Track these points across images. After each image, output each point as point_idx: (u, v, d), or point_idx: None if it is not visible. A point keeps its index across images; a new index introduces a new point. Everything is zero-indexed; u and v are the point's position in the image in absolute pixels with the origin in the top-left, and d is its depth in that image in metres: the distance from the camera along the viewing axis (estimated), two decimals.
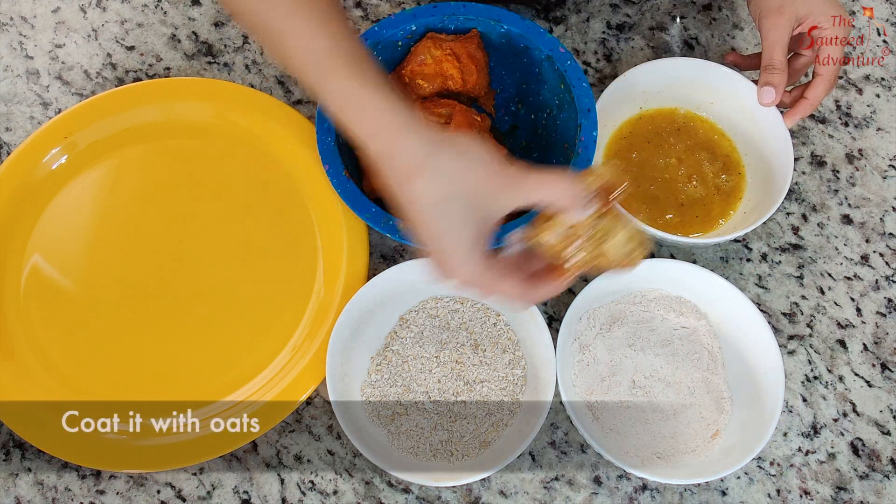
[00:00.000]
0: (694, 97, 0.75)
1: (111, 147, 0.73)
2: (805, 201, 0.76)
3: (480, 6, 0.69)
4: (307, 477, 0.66)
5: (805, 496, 0.66)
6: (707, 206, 0.72)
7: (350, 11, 0.82)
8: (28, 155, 0.71)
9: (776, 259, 0.74)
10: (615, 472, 0.66)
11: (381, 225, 0.63)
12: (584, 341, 0.67)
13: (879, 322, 0.72)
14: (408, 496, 0.65)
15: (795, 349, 0.71)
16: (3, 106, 0.78)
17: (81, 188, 0.72)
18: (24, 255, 0.69)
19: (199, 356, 0.67)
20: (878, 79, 0.81)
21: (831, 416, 0.69)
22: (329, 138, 0.66)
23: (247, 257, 0.70)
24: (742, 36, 0.82)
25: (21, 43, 0.80)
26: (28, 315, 0.68)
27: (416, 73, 0.69)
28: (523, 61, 0.71)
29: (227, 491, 0.65)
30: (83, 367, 0.66)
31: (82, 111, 0.73)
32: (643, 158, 0.74)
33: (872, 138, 0.79)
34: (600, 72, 0.81)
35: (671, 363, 0.67)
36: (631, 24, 0.83)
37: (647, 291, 0.69)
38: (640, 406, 0.65)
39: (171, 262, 0.70)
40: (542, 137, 0.72)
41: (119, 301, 0.69)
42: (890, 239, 0.75)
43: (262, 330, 0.68)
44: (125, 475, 0.65)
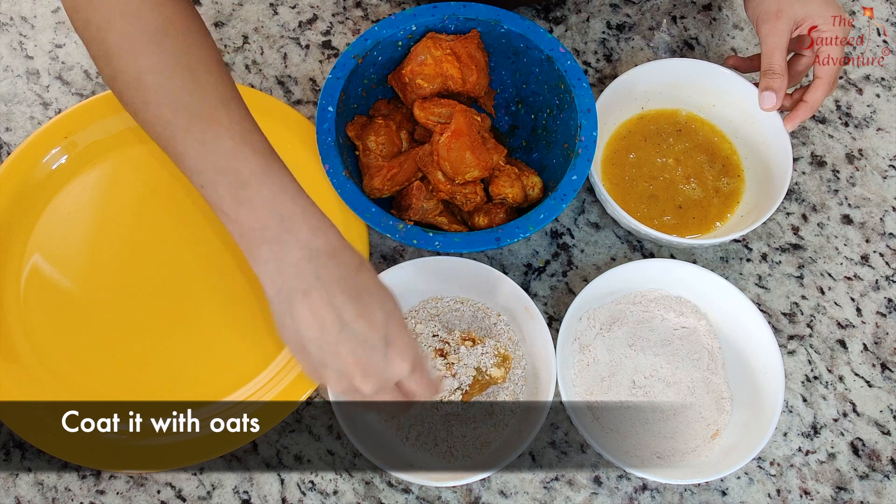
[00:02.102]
0: (695, 98, 0.75)
1: (111, 147, 0.73)
2: (805, 201, 0.76)
3: (480, 6, 0.69)
4: (307, 477, 0.66)
5: (805, 496, 0.66)
6: (705, 209, 0.72)
7: (350, 11, 0.82)
8: (28, 155, 0.71)
9: (776, 259, 0.74)
10: (615, 472, 0.66)
11: (381, 225, 0.63)
12: (584, 341, 0.67)
13: (879, 322, 0.72)
14: (408, 496, 0.65)
15: (795, 349, 0.71)
16: (3, 106, 0.78)
17: (81, 188, 0.72)
18: (24, 255, 0.69)
19: (198, 356, 0.67)
20: (878, 79, 0.81)
21: (831, 416, 0.69)
22: (329, 138, 0.66)
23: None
24: (742, 36, 0.82)
25: (21, 43, 0.80)
26: (28, 315, 0.68)
27: (416, 73, 0.69)
28: (523, 61, 0.71)
29: (227, 491, 0.65)
30: (83, 367, 0.66)
31: (82, 111, 0.73)
32: (641, 157, 0.74)
33: (872, 138, 0.79)
34: (600, 72, 0.81)
35: (671, 363, 0.67)
36: (631, 24, 0.83)
37: (647, 291, 0.69)
38: (640, 406, 0.65)
39: (171, 261, 0.70)
40: (542, 137, 0.72)
41: (119, 301, 0.69)
42: (890, 239, 0.75)
43: (262, 330, 0.68)
44: (125, 475, 0.65)
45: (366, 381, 0.51)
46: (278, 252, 0.51)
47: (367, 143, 0.69)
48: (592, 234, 0.74)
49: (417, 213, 0.68)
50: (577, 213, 0.75)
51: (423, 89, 0.69)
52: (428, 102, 0.68)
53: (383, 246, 0.73)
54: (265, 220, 0.52)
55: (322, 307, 0.50)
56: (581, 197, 0.76)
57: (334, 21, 0.82)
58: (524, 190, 0.67)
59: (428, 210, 0.68)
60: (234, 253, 0.70)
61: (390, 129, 0.69)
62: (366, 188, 0.68)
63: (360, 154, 0.70)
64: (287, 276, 0.51)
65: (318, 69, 0.80)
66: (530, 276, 0.72)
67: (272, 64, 0.80)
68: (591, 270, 0.73)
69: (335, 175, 0.65)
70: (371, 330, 0.51)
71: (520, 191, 0.67)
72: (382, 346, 0.51)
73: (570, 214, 0.75)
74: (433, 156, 0.66)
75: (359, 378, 0.51)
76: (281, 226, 0.51)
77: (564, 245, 0.74)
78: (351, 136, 0.70)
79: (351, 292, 0.51)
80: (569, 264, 0.73)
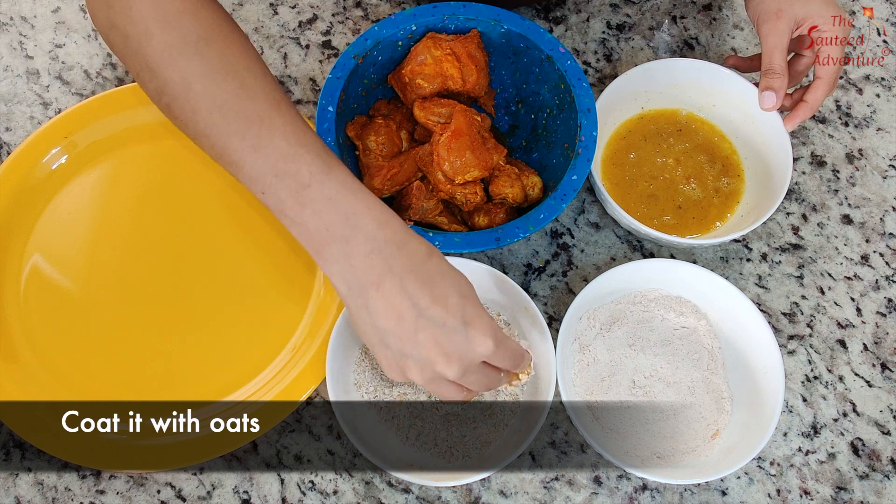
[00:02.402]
0: (695, 98, 0.75)
1: (111, 147, 0.73)
2: (805, 201, 0.76)
3: (480, 6, 0.69)
4: (307, 477, 0.66)
5: (805, 496, 0.66)
6: (704, 209, 0.72)
7: (350, 11, 0.82)
8: (28, 155, 0.71)
9: (776, 259, 0.74)
10: (615, 472, 0.66)
11: None
12: (584, 341, 0.67)
13: (879, 322, 0.72)
14: (408, 496, 0.65)
15: (795, 349, 0.71)
16: (3, 106, 0.78)
17: (81, 188, 0.72)
18: (24, 255, 0.69)
19: (199, 356, 0.67)
20: (878, 79, 0.81)
21: (831, 416, 0.69)
22: (329, 138, 0.66)
23: (246, 257, 0.70)
24: (742, 36, 0.82)
25: (21, 43, 0.80)
26: (28, 315, 0.68)
27: (416, 73, 0.69)
28: (523, 61, 0.71)
29: (227, 491, 0.65)
30: (83, 367, 0.66)
31: (82, 111, 0.73)
32: (641, 157, 0.74)
33: (872, 138, 0.79)
34: (600, 72, 0.81)
35: (671, 363, 0.67)
36: (631, 24, 0.83)
37: (647, 291, 0.69)
38: (640, 406, 0.65)
39: (171, 261, 0.70)
40: (542, 137, 0.72)
41: (119, 301, 0.69)
42: (890, 239, 0.75)
43: (262, 330, 0.68)
44: (125, 475, 0.65)
45: (449, 365, 0.51)
46: (346, 249, 0.51)
47: (367, 143, 0.69)
48: (592, 234, 0.74)
49: (417, 213, 0.68)
50: (577, 213, 0.75)
51: (423, 89, 0.69)
52: (428, 102, 0.68)
53: None
54: (330, 220, 0.52)
55: (396, 296, 0.51)
56: (581, 197, 0.76)
57: (334, 21, 0.82)
58: (524, 190, 0.67)
59: (428, 210, 0.68)
60: (234, 253, 0.70)
61: (390, 129, 0.69)
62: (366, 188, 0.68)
63: (360, 154, 0.70)
64: (358, 271, 0.51)
65: (318, 69, 0.80)
66: (530, 276, 0.72)
67: (272, 64, 0.80)
68: (591, 270, 0.73)
69: None
70: (448, 314, 0.51)
71: (520, 191, 0.67)
72: (462, 328, 0.51)
73: (570, 214, 0.75)
74: (433, 156, 0.66)
75: (441, 363, 0.51)
76: (347, 223, 0.52)
77: (564, 245, 0.74)
78: (351, 136, 0.70)
79: (423, 279, 0.51)
80: (569, 264, 0.73)
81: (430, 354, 0.51)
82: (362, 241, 0.51)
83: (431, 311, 0.51)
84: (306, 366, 0.66)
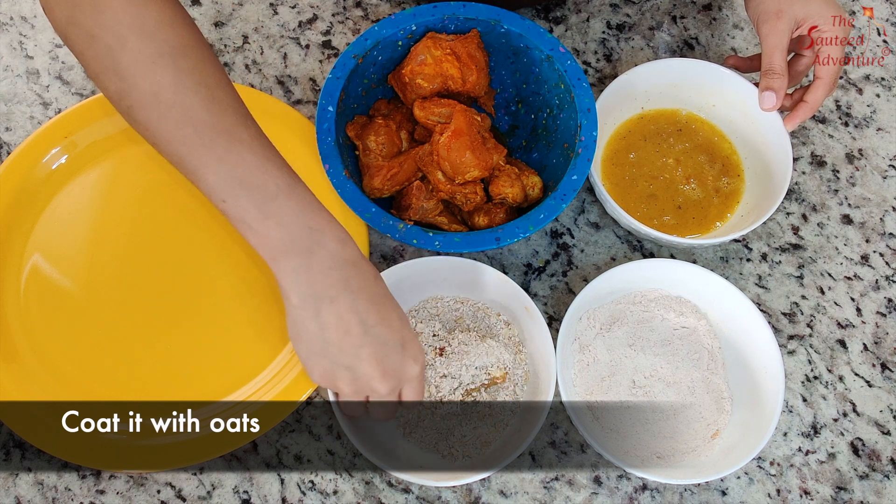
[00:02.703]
0: (695, 98, 0.75)
1: (111, 147, 0.73)
2: (805, 201, 0.76)
3: (480, 6, 0.69)
4: (307, 477, 0.66)
5: (805, 496, 0.66)
6: (704, 209, 0.72)
7: (350, 11, 0.82)
8: (28, 155, 0.71)
9: (776, 259, 0.74)
10: (615, 472, 0.66)
11: (381, 225, 0.64)
12: (584, 341, 0.67)
13: (879, 322, 0.72)
14: (408, 496, 0.65)
15: (795, 349, 0.71)
16: (3, 106, 0.78)
17: (81, 188, 0.72)
18: (24, 255, 0.69)
19: (198, 356, 0.67)
20: (878, 79, 0.81)
21: (831, 416, 0.69)
22: (329, 138, 0.66)
23: (247, 257, 0.70)
24: (742, 36, 0.82)
25: (21, 43, 0.80)
26: (28, 315, 0.68)
27: (416, 73, 0.69)
28: (523, 61, 0.72)
29: (227, 491, 0.65)
30: (83, 367, 0.66)
31: (82, 111, 0.73)
32: (641, 157, 0.74)
33: (872, 138, 0.79)
34: (600, 72, 0.81)
35: (671, 363, 0.67)
36: (631, 24, 0.83)
37: (647, 291, 0.69)
38: (640, 406, 0.65)
39: (171, 261, 0.70)
40: (542, 137, 0.72)
41: (119, 301, 0.69)
42: (890, 239, 0.75)
43: (262, 330, 0.68)
44: (125, 475, 0.65)
45: (384, 382, 0.55)
46: (308, 261, 0.54)
47: (367, 142, 0.69)
48: (592, 234, 0.74)
49: (417, 213, 0.68)
50: (577, 213, 0.75)
51: (423, 89, 0.69)
52: (428, 102, 0.68)
53: (383, 246, 0.73)
54: (295, 233, 0.54)
55: (348, 312, 0.54)
56: (581, 197, 0.76)
57: (334, 21, 0.82)
58: (524, 190, 0.67)
59: (428, 210, 0.68)
60: (234, 253, 0.70)
61: (390, 129, 0.69)
62: (366, 188, 0.68)
63: (360, 154, 0.70)
64: (316, 283, 0.54)
65: (318, 69, 0.80)
66: (530, 276, 0.72)
67: (272, 64, 0.80)
68: (591, 270, 0.73)
69: (335, 175, 0.65)
70: (390, 334, 0.55)
71: (520, 191, 0.67)
72: (400, 349, 0.55)
73: (570, 214, 0.75)
74: (433, 156, 0.66)
75: (377, 379, 0.55)
76: (311, 237, 0.54)
77: (564, 245, 0.74)
78: (351, 136, 0.70)
79: (373, 299, 0.55)
80: (569, 264, 0.73)
81: (369, 370, 0.54)
82: (324, 256, 0.54)
83: (377, 329, 0.54)
84: None
